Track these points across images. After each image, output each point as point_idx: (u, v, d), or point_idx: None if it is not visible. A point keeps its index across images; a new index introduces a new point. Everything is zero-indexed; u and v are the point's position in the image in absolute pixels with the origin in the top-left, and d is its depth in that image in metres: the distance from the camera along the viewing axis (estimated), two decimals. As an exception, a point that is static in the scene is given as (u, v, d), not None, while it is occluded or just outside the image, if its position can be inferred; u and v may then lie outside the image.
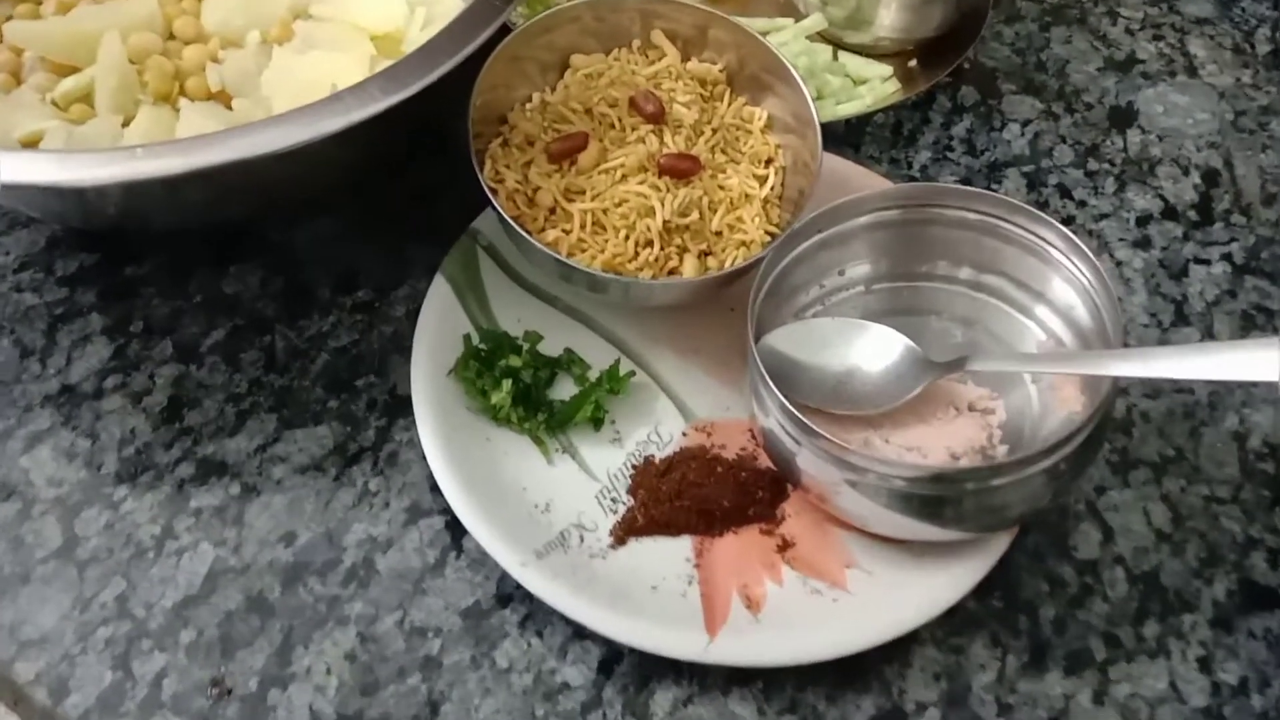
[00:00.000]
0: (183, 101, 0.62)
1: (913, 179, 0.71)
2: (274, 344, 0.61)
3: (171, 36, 0.65)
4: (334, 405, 0.59)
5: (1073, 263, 0.57)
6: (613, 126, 0.61)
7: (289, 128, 0.50)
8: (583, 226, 0.57)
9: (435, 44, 0.54)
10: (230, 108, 0.63)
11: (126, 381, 0.59)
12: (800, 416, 0.51)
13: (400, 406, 0.59)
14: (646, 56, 0.64)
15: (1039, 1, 0.83)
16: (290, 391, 0.59)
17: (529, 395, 0.57)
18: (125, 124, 0.61)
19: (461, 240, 0.62)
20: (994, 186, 0.71)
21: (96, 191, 0.50)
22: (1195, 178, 0.73)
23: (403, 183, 0.66)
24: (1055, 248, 0.57)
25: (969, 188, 0.58)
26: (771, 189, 0.61)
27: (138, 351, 0.60)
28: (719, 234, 0.59)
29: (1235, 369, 0.47)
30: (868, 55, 0.74)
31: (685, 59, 0.64)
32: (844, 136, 0.72)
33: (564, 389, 0.59)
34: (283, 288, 0.63)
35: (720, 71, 0.64)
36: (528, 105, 0.62)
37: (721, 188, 0.60)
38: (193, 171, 0.48)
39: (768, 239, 0.59)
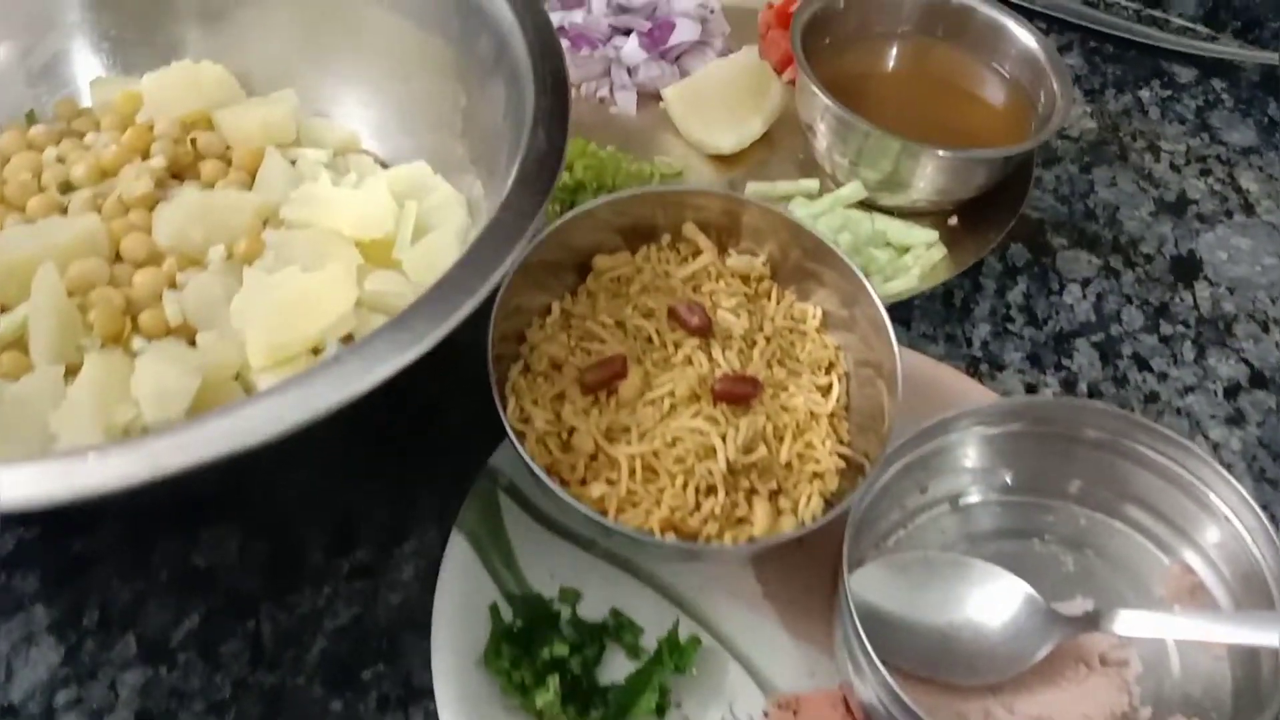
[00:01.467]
0: (137, 341, 0.52)
1: (975, 358, 0.63)
2: (260, 629, 0.50)
3: (119, 258, 0.55)
4: (337, 707, 0.48)
5: (1213, 490, 0.48)
6: (650, 341, 0.52)
7: (278, 408, 0.40)
8: (631, 474, 0.48)
9: (452, 278, 0.45)
10: (194, 344, 0.53)
11: (82, 696, 0.48)
12: (907, 701, 0.42)
13: (418, 697, 0.49)
14: (678, 252, 0.56)
15: (1074, 140, 0.76)
16: (283, 693, 0.48)
17: (579, 687, 0.47)
18: (69, 373, 0.51)
19: (479, 483, 0.52)
20: (1064, 362, 0.64)
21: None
22: (1277, 334, 0.66)
23: (403, 405, 0.57)
24: (1197, 477, 0.49)
25: (1098, 404, 0.52)
26: (837, 400, 0.52)
27: (94, 653, 0.49)
28: (788, 466, 0.50)
29: None
30: (904, 215, 0.67)
31: (722, 251, 0.56)
32: (893, 312, 0.64)
33: (614, 663, 0.49)
34: (266, 554, 0.52)
35: (764, 264, 0.56)
36: (548, 320, 0.53)
37: (785, 408, 0.51)
38: (160, 477, 0.38)
39: (841, 464, 0.51)
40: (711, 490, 0.48)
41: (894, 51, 0.72)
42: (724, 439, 0.48)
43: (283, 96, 0.65)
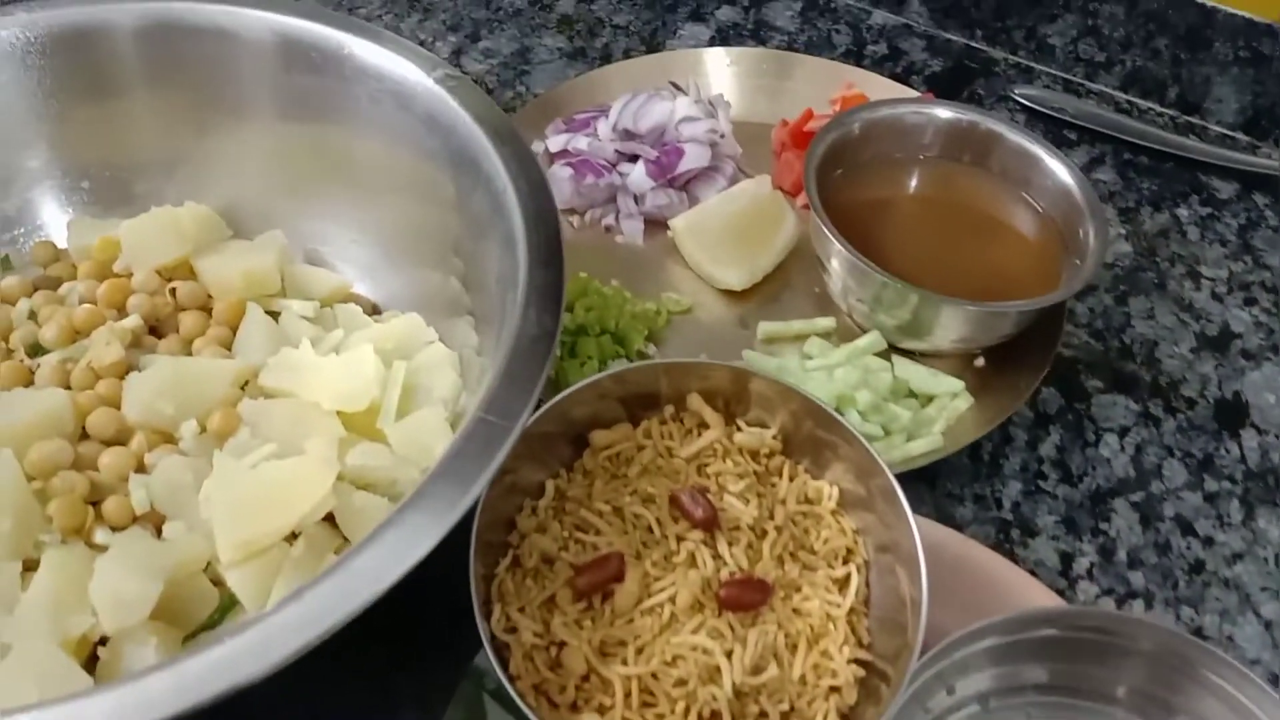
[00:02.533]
0: (99, 533, 0.49)
1: (1005, 522, 0.59)
2: None
3: (84, 435, 0.52)
4: None
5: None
6: (650, 531, 0.48)
7: (246, 652, 0.36)
8: (627, 698, 0.43)
9: (439, 484, 0.41)
10: (160, 533, 0.49)
11: None
12: None
13: None
14: (682, 424, 0.52)
15: (1110, 266, 0.72)
16: None
17: None
18: (26, 568, 0.47)
19: (463, 686, 0.48)
20: (1101, 526, 0.59)
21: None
22: (1333, 490, 0.61)
23: (385, 597, 0.53)
24: (1256, 705, 0.44)
25: (1142, 619, 0.47)
26: (856, 593, 0.48)
27: None
28: (802, 679, 0.45)
29: None
30: (927, 356, 0.63)
31: (730, 421, 0.52)
32: (917, 470, 0.60)
33: None
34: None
35: (775, 437, 0.51)
36: (540, 503, 0.49)
37: (798, 612, 0.47)
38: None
39: (860, 671, 0.46)
40: (716, 717, 0.43)
41: (915, 179, 0.68)
42: (730, 657, 0.44)
43: (269, 239, 0.62)
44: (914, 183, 0.67)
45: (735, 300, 0.67)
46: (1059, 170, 0.64)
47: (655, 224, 0.71)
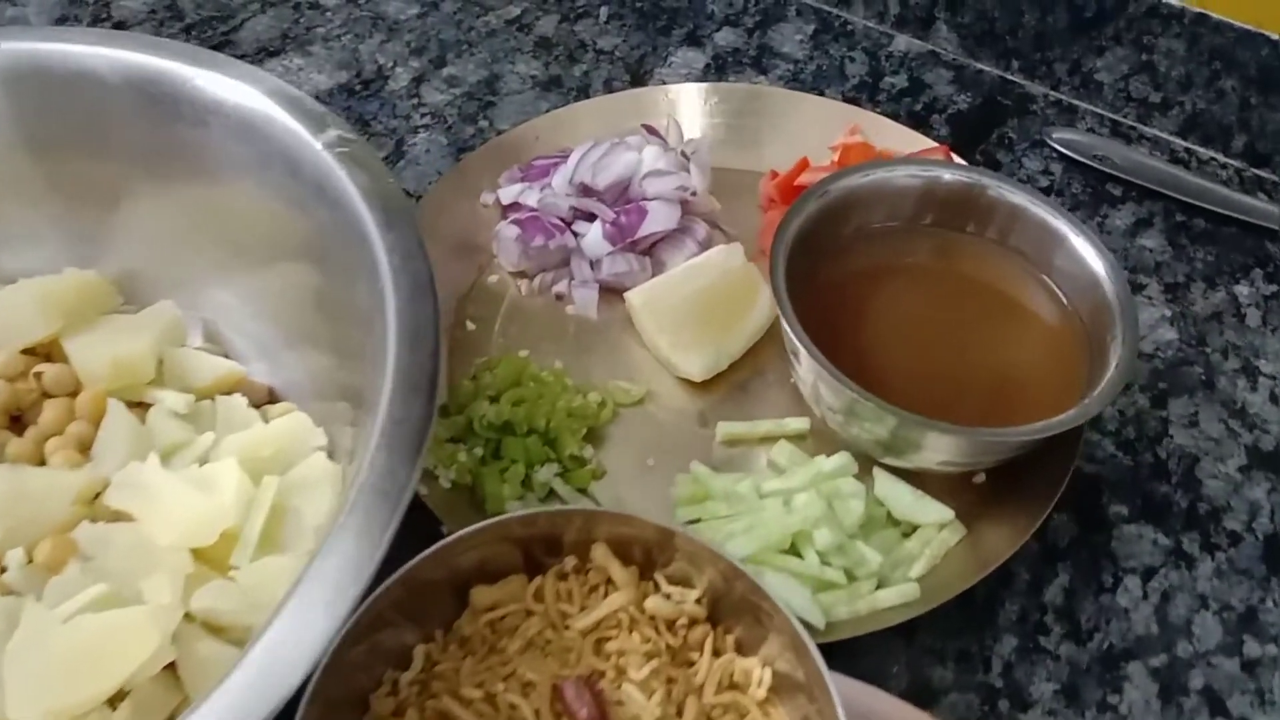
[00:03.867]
0: (-116, 694, 0.42)
1: (992, 690, 0.49)
2: None
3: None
4: None
5: None
6: (528, 728, 0.39)
7: None
8: None
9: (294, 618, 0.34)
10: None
11: None
12: None
13: None
14: (583, 577, 0.43)
15: (1148, 357, 0.61)
16: None
17: None
18: None
19: None
20: (1111, 698, 0.49)
21: None
22: None
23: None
24: None
25: None
26: (782, 812, 0.39)
27: None
28: None
29: None
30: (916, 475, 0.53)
31: (646, 574, 0.43)
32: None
33: None
34: None
35: (698, 602, 0.42)
36: (402, 678, 0.41)
37: None
38: None
39: None
40: None
41: (909, 255, 0.57)
42: None
43: (156, 313, 0.55)
44: (907, 261, 0.57)
45: (696, 391, 0.58)
46: (1088, 254, 0.53)
47: (614, 292, 0.62)
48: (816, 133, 0.68)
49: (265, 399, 0.55)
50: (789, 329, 0.51)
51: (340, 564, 0.38)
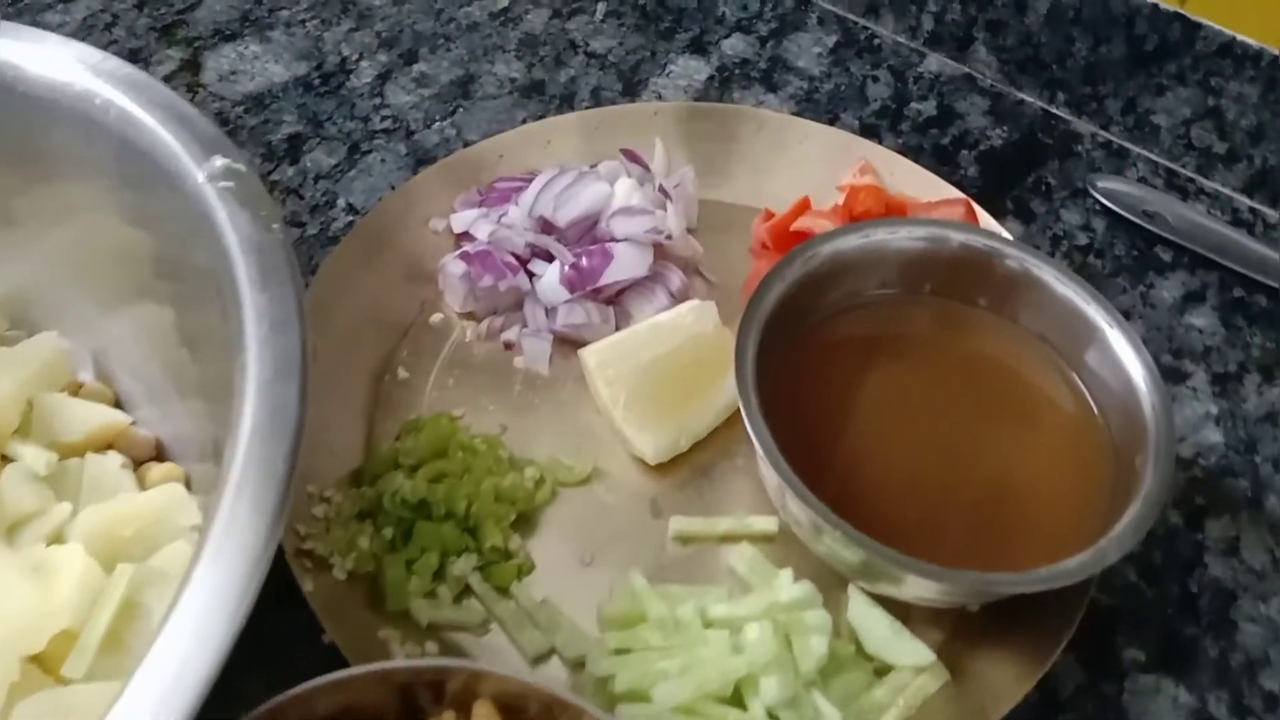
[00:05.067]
0: None
1: None
2: None
3: None
4: None
5: None
6: None
7: None
8: None
9: None
10: None
11: None
12: None
13: None
14: (468, 734, 0.35)
15: (1187, 465, 0.52)
16: None
17: None
18: None
19: None
20: None
21: None
22: None
23: None
24: None
25: None
26: None
27: None
28: None
29: None
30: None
31: (542, 733, 0.35)
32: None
33: None
34: None
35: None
36: None
37: None
38: None
39: None
40: None
41: (904, 326, 0.49)
42: None
43: (36, 347, 0.48)
44: (902, 338, 0.48)
45: (651, 472, 0.50)
46: (1124, 352, 0.45)
47: (571, 344, 0.54)
48: (824, 167, 0.59)
49: (151, 454, 0.47)
50: (749, 422, 0.42)
51: (165, 683, 0.31)
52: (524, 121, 0.64)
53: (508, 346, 0.54)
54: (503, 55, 0.68)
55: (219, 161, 0.41)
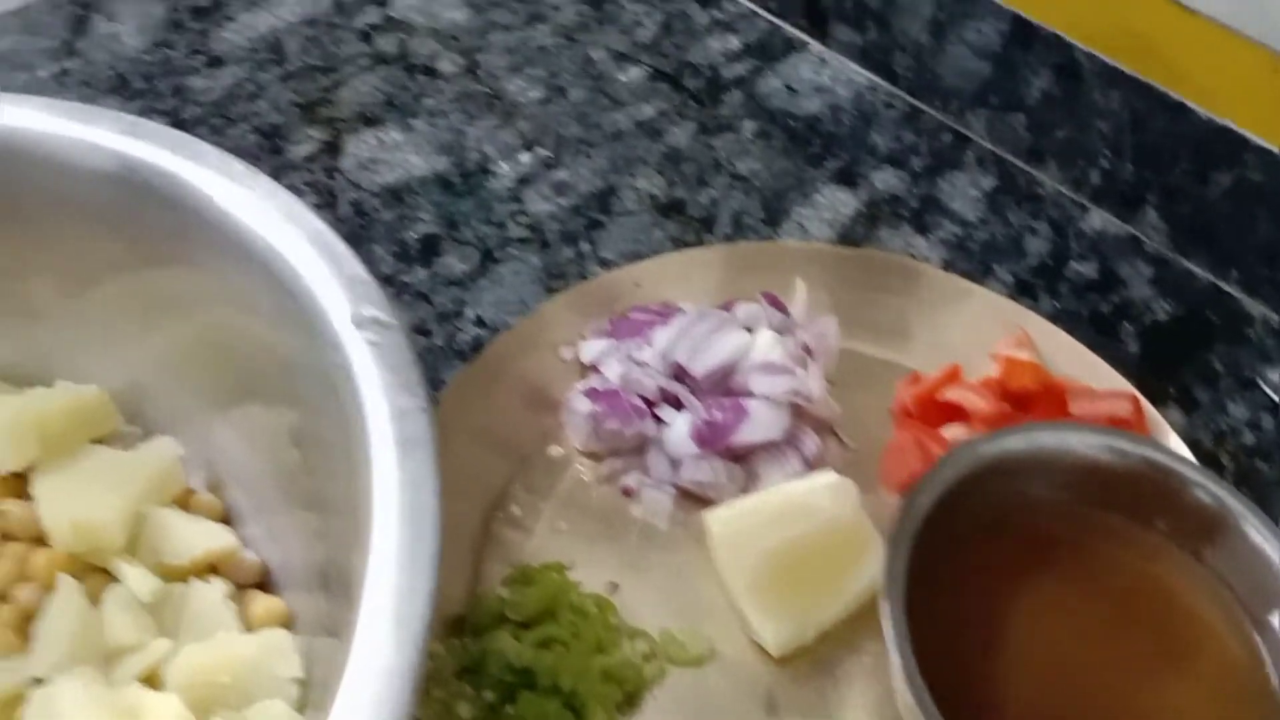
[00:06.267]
0: None
1: None
2: None
3: None
4: None
5: None
6: None
7: None
8: None
9: None
10: None
11: None
12: None
13: None
14: None
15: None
16: None
17: None
18: None
19: None
20: None
21: None
22: None
23: None
24: None
25: None
26: None
27: None
28: None
29: None
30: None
31: None
32: None
33: None
34: None
35: None
36: None
37: None
38: None
39: None
40: None
41: (1067, 546, 0.45)
42: None
43: (153, 453, 0.46)
44: (1063, 560, 0.44)
45: (770, 662, 0.46)
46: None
47: (694, 500, 0.51)
48: (976, 330, 0.56)
49: (255, 579, 0.46)
50: (894, 644, 0.39)
51: None
52: (662, 241, 0.62)
53: (626, 492, 0.51)
54: (644, 168, 0.66)
55: (367, 311, 0.39)
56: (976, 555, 0.43)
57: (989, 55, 0.66)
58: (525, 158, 0.66)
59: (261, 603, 0.44)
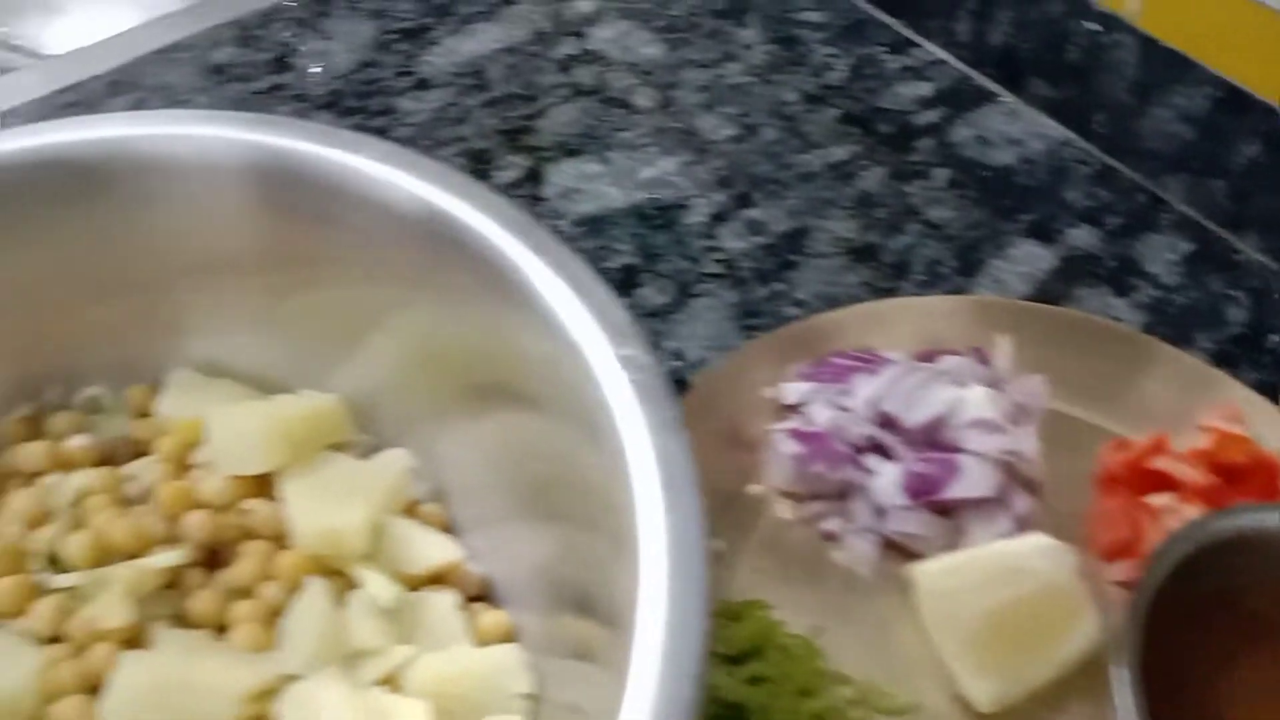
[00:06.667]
0: None
1: None
2: None
3: (43, 726, 0.40)
4: None
5: None
6: None
7: None
8: None
9: None
10: None
11: None
12: None
13: None
14: None
15: None
16: None
17: None
18: None
19: None
20: None
21: None
22: None
23: None
24: None
25: None
26: None
27: None
28: None
29: None
30: None
31: None
32: None
33: None
34: None
35: None
36: None
37: None
38: None
39: None
40: None
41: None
42: None
43: (386, 465, 0.48)
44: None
45: (975, 718, 0.47)
46: None
47: (897, 550, 0.51)
48: (1179, 397, 0.56)
49: (476, 593, 0.47)
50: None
51: None
52: (855, 285, 0.63)
53: (827, 537, 0.52)
54: (836, 211, 0.67)
55: (626, 349, 0.40)
56: (1204, 631, 0.43)
57: (1195, 120, 0.65)
58: (718, 195, 0.68)
59: (488, 616, 0.46)
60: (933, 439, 0.52)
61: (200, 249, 0.47)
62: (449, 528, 0.49)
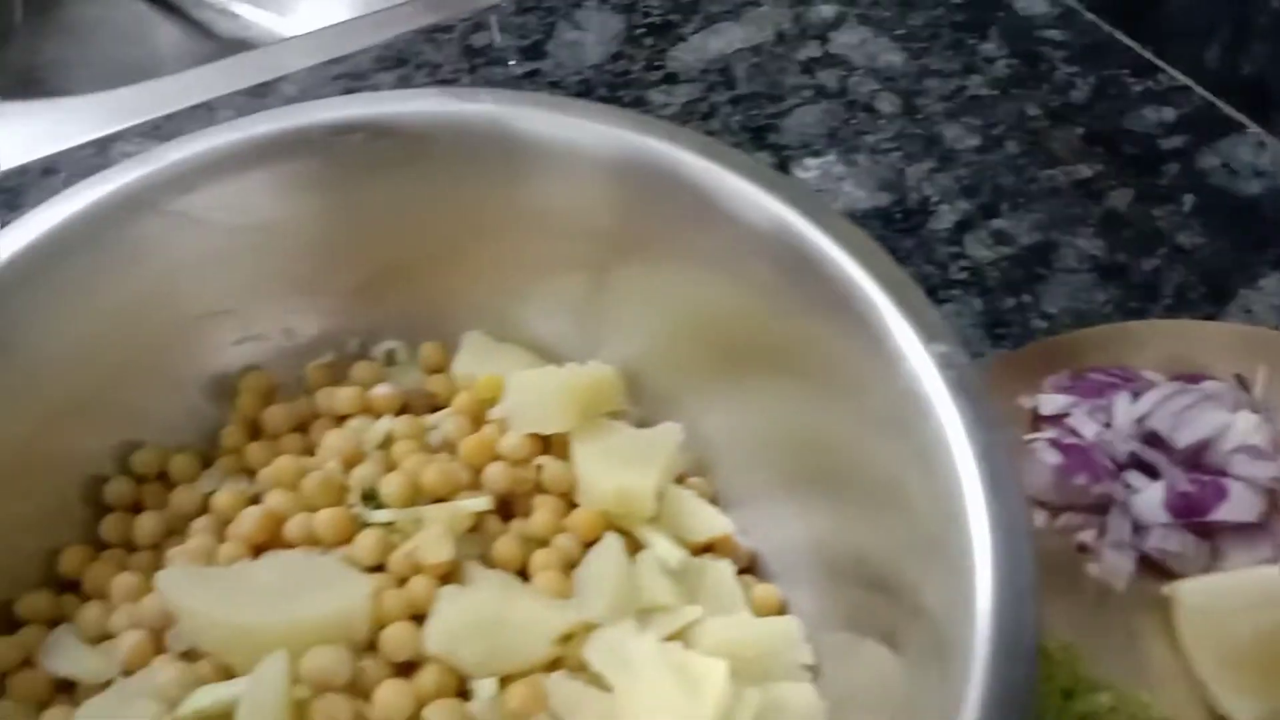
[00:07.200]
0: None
1: None
2: None
3: (372, 646, 0.43)
4: None
5: None
6: None
7: None
8: None
9: None
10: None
11: None
12: None
13: None
14: None
15: None
16: None
17: None
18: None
19: None
20: None
21: None
22: None
23: None
24: None
25: None
26: None
27: None
28: None
29: None
30: None
31: None
32: None
33: None
34: None
35: None
36: None
37: None
38: None
39: None
40: None
41: None
42: None
43: (662, 437, 0.50)
44: None
45: (1238, 747, 0.47)
46: None
47: (1152, 568, 0.52)
48: None
49: (745, 566, 0.50)
50: None
51: None
52: (1104, 303, 0.63)
53: (1081, 549, 0.53)
54: (1083, 229, 0.67)
55: (940, 345, 0.42)
56: None
57: None
58: (964, 203, 0.69)
59: (760, 589, 0.48)
60: (1197, 461, 0.52)
61: (540, 227, 0.50)
62: (715, 500, 0.52)
